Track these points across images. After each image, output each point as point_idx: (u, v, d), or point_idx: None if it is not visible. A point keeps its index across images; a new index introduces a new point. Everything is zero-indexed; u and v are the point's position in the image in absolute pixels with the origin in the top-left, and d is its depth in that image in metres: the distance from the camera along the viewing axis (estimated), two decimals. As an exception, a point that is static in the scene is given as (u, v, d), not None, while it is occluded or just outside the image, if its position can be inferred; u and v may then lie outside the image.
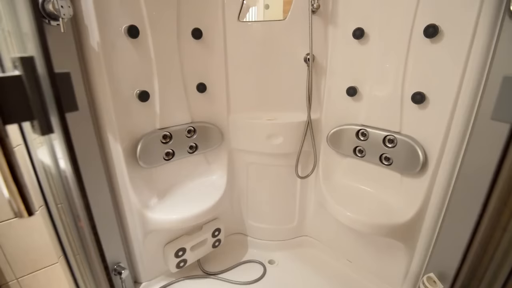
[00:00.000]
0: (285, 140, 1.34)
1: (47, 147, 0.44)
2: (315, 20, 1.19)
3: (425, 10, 0.96)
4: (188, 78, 1.26)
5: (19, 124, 0.40)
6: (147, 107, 1.16)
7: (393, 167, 1.17)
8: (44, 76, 0.30)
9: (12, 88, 0.29)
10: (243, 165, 1.47)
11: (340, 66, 1.24)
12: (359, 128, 1.23)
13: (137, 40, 1.06)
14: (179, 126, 1.27)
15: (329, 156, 1.39)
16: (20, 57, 0.30)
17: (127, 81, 1.08)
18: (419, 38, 0.99)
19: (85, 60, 0.95)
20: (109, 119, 1.02)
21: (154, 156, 1.20)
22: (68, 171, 0.42)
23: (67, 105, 0.33)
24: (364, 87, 1.20)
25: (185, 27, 1.18)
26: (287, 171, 1.43)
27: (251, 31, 1.27)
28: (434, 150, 1.02)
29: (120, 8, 1.00)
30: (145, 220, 1.18)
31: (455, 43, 0.92)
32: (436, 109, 1.00)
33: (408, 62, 1.04)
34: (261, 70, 1.32)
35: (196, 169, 1.42)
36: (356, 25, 1.13)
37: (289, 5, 1.23)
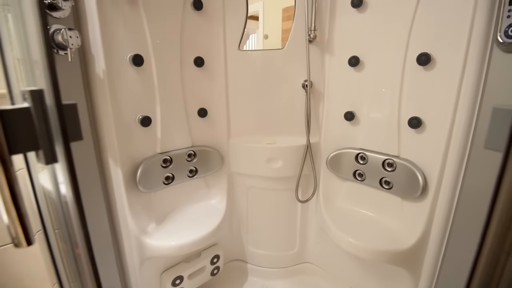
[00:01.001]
0: (285, 163, 1.34)
1: (49, 173, 0.44)
2: (312, 49, 1.24)
3: (417, 40, 1.01)
4: (190, 104, 1.29)
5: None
6: (149, 131, 1.18)
7: (393, 191, 1.17)
8: (52, 108, 0.32)
9: (20, 120, 0.31)
10: (243, 189, 1.46)
11: (337, 91, 1.28)
12: (358, 152, 1.24)
13: (142, 67, 1.10)
14: (180, 150, 1.28)
15: (329, 180, 1.38)
16: (30, 90, 0.31)
17: (130, 107, 1.11)
18: (413, 66, 1.03)
19: (90, 88, 0.98)
20: (110, 144, 1.04)
21: (153, 180, 1.20)
22: (69, 197, 0.42)
23: (72, 135, 0.34)
24: (361, 111, 1.23)
25: (188, 56, 1.23)
26: (287, 195, 1.42)
27: (251, 59, 1.32)
28: (434, 174, 1.02)
29: (126, 38, 1.05)
30: (142, 247, 1.15)
31: (447, 70, 0.95)
32: (433, 134, 1.02)
33: (403, 88, 1.07)
34: (261, 96, 1.36)
35: (196, 193, 1.41)
36: (351, 54, 1.18)
37: (288, 33, 1.30)
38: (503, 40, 0.82)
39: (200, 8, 1.21)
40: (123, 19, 1.03)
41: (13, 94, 0.52)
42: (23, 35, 0.46)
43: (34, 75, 0.44)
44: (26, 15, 0.42)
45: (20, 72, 0.55)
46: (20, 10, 0.48)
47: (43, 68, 0.34)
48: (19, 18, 0.49)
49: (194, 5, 1.19)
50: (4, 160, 0.30)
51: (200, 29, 1.24)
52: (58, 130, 0.32)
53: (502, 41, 0.82)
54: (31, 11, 0.37)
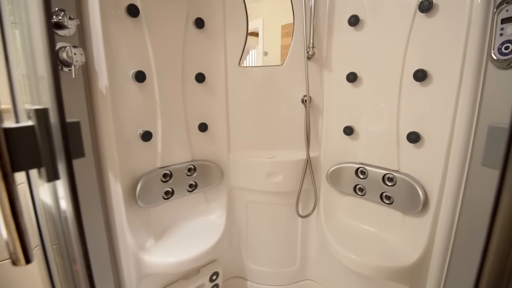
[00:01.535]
0: (285, 178, 1.34)
1: (50, 188, 0.44)
2: (310, 65, 1.27)
3: (413, 56, 1.04)
4: (190, 118, 1.30)
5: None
6: (149, 146, 1.19)
7: (394, 206, 1.16)
8: (56, 126, 0.32)
9: (24, 138, 0.31)
10: (243, 204, 1.45)
11: (336, 106, 1.30)
12: (358, 166, 1.24)
13: (144, 83, 1.12)
14: (180, 164, 1.28)
15: (329, 195, 1.38)
16: (35, 109, 0.32)
17: (131, 122, 1.12)
18: (410, 82, 1.05)
19: (92, 103, 1.00)
20: (111, 159, 1.04)
21: (153, 195, 1.20)
22: (69, 213, 0.42)
23: (74, 152, 0.34)
24: (360, 126, 1.24)
25: (189, 72, 1.26)
26: (287, 210, 1.41)
27: (251, 75, 1.35)
28: (434, 189, 1.02)
29: (129, 54, 1.08)
30: (140, 263, 1.13)
31: (444, 87, 0.97)
32: (432, 149, 1.03)
33: (401, 103, 1.09)
34: (261, 111, 1.38)
35: (195, 208, 1.40)
36: (349, 70, 1.21)
37: (287, 49, 1.33)
38: (497, 57, 0.84)
39: (201, 26, 1.24)
40: (127, 36, 1.06)
41: (18, 110, 0.53)
42: (30, 52, 0.48)
43: (38, 91, 0.45)
44: (34, 32, 0.44)
45: (25, 87, 0.56)
46: (28, 28, 0.49)
47: (48, 86, 0.35)
48: (26, 35, 0.50)
49: (196, 23, 1.23)
50: (6, 178, 0.30)
51: (202, 46, 1.27)
52: (61, 148, 0.33)
53: (496, 58, 0.84)
54: (39, 29, 0.38)
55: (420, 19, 1.01)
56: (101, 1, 0.95)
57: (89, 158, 1.00)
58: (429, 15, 0.99)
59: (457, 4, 0.91)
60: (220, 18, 1.28)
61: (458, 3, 0.91)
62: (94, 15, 0.95)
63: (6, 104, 0.55)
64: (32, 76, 0.50)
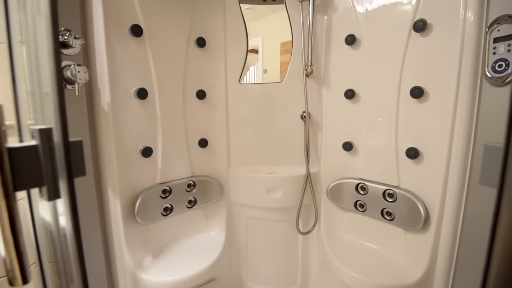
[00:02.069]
0: (285, 194, 1.33)
1: (49, 205, 0.44)
2: (309, 82, 1.29)
3: (409, 74, 1.06)
4: (191, 134, 1.31)
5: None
6: (149, 162, 1.19)
7: (395, 223, 1.15)
8: (59, 145, 0.33)
9: (27, 158, 0.32)
10: (242, 220, 1.44)
11: (335, 122, 1.31)
12: (358, 182, 1.24)
13: (145, 100, 1.14)
14: (180, 180, 1.28)
15: (330, 211, 1.36)
16: (39, 129, 0.33)
17: (132, 138, 1.13)
18: (407, 98, 1.06)
19: (94, 120, 1.01)
20: (111, 176, 1.04)
21: (152, 211, 1.19)
22: (68, 231, 0.42)
23: (76, 171, 0.35)
24: (359, 142, 1.24)
25: (190, 89, 1.28)
26: (288, 226, 1.39)
27: (251, 91, 1.37)
28: (435, 205, 1.01)
29: (132, 72, 1.10)
30: (137, 282, 1.10)
31: (441, 103, 0.98)
32: (431, 165, 1.03)
33: (398, 119, 1.10)
34: (261, 127, 1.39)
35: (194, 224, 1.38)
36: (347, 87, 1.23)
37: (286, 66, 1.36)
38: (491, 75, 0.86)
39: (203, 45, 1.28)
40: (130, 55, 1.09)
41: (21, 126, 0.53)
42: (36, 69, 0.49)
43: (43, 108, 0.46)
44: (41, 51, 0.45)
45: (29, 104, 0.57)
46: (35, 47, 0.51)
47: (53, 104, 0.36)
48: (33, 54, 0.52)
49: (198, 42, 1.26)
50: (8, 197, 0.31)
51: (203, 64, 1.30)
52: (63, 167, 0.33)
53: (491, 76, 0.86)
54: (46, 49, 0.39)
55: (415, 38, 1.04)
56: (106, 21, 0.98)
57: (89, 175, 1.00)
58: (423, 34, 1.02)
59: (450, 24, 0.94)
60: (221, 37, 1.31)
61: (451, 23, 0.94)
62: (98, 35, 0.98)
63: (10, 120, 0.56)
64: (36, 93, 0.51)
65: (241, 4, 1.33)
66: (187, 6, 1.21)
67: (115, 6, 1.02)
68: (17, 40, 0.62)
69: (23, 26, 0.59)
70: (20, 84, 0.58)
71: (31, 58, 0.54)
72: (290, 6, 1.32)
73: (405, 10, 1.05)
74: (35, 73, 0.50)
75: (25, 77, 0.59)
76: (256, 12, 1.45)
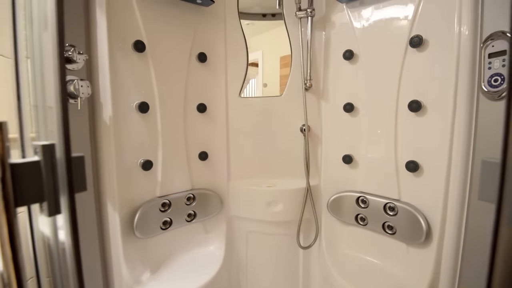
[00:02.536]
0: (285, 207, 1.32)
1: (49, 219, 0.44)
2: (308, 96, 1.31)
3: (407, 88, 1.07)
4: (191, 147, 1.32)
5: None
6: (149, 175, 1.19)
7: (397, 237, 1.13)
8: (61, 161, 0.33)
9: (29, 173, 0.32)
10: (242, 234, 1.42)
11: (335, 135, 1.32)
12: (358, 195, 1.24)
13: (147, 114, 1.15)
14: (179, 193, 1.28)
15: (331, 224, 1.35)
16: (42, 145, 0.33)
17: (133, 151, 1.13)
18: (405, 112, 1.08)
19: (96, 134, 1.02)
20: (110, 190, 1.04)
21: (151, 225, 1.18)
22: (67, 246, 0.42)
23: (77, 187, 0.35)
24: (359, 155, 1.25)
25: (191, 102, 1.30)
26: (288, 240, 1.37)
27: (251, 105, 1.39)
28: (436, 219, 1.00)
29: (134, 87, 1.12)
30: (135, 299, 1.08)
31: (439, 117, 0.99)
32: (431, 179, 1.03)
33: (397, 132, 1.11)
34: (261, 140, 1.40)
35: (193, 238, 1.37)
36: (346, 101, 1.24)
37: (286, 79, 1.38)
38: (488, 89, 0.87)
39: (204, 60, 1.30)
40: (132, 69, 1.11)
41: (24, 139, 0.54)
42: (40, 84, 0.50)
43: (46, 121, 0.47)
44: (46, 67, 0.46)
45: (31, 117, 0.58)
46: (40, 61, 0.52)
47: (57, 120, 0.37)
48: (38, 69, 0.53)
49: (199, 58, 1.29)
50: (9, 212, 0.31)
51: (204, 78, 1.33)
52: (64, 182, 0.33)
53: (487, 90, 0.87)
54: (51, 64, 0.40)
55: (412, 54, 1.06)
56: (110, 37, 1.01)
57: (89, 189, 1.00)
58: (420, 49, 1.04)
59: (445, 40, 0.96)
60: (222, 51, 1.34)
61: (446, 39, 0.96)
62: (102, 51, 1.00)
63: (13, 133, 0.56)
64: (40, 107, 0.52)
65: (242, 20, 1.37)
66: (189, 22, 1.25)
67: (119, 22, 1.05)
68: (23, 55, 0.64)
69: (28, 40, 0.61)
70: (24, 98, 0.59)
71: (35, 72, 0.55)
72: (289, 22, 1.35)
73: (401, 26, 1.07)
74: (39, 87, 0.51)
75: (29, 90, 0.60)
76: (256, 27, 1.49)
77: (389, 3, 1.11)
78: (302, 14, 1.25)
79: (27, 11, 0.58)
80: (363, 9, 1.18)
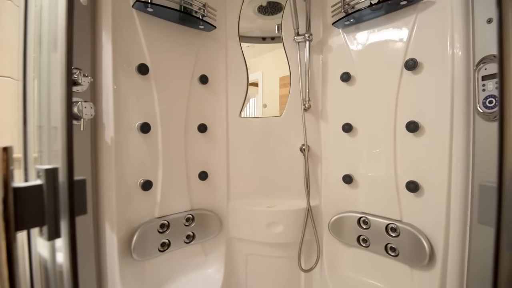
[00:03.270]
0: (286, 228, 1.30)
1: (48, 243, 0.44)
2: (307, 116, 1.33)
3: (404, 109, 1.09)
4: (191, 167, 1.32)
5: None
6: (149, 195, 1.18)
7: (400, 259, 1.11)
8: (63, 185, 0.34)
9: (31, 197, 0.32)
10: (242, 256, 1.39)
11: (334, 155, 1.32)
12: (359, 215, 1.22)
13: (148, 134, 1.16)
14: (178, 214, 1.26)
15: (333, 246, 1.32)
16: (46, 169, 0.34)
17: (133, 171, 1.13)
18: (403, 132, 1.09)
19: (97, 155, 1.02)
20: (109, 210, 1.03)
21: (149, 247, 1.15)
22: (65, 269, 0.41)
23: (77, 210, 0.35)
24: (359, 175, 1.25)
25: (192, 123, 1.31)
26: (289, 263, 1.34)
27: (251, 125, 1.41)
28: (439, 240, 0.98)
29: (136, 108, 1.14)
30: (130, 325, 1.04)
31: (437, 137, 1.00)
32: (432, 199, 1.02)
33: (396, 153, 1.12)
34: (261, 159, 1.40)
35: (192, 261, 1.33)
36: (344, 121, 1.26)
37: (285, 98, 1.41)
38: (483, 110, 0.89)
39: (205, 82, 1.34)
40: (135, 91, 1.13)
41: (28, 160, 0.54)
42: (46, 104, 0.51)
43: (49, 142, 0.47)
44: (53, 89, 0.48)
45: (34, 137, 0.59)
46: (48, 82, 0.53)
47: (61, 144, 0.37)
48: (45, 91, 0.54)
49: (201, 80, 1.32)
50: (9, 237, 0.31)
51: (205, 99, 1.35)
52: (65, 206, 0.34)
53: (482, 111, 0.89)
54: (59, 87, 0.41)
55: (407, 76, 1.09)
56: (114, 60, 1.04)
57: (88, 211, 0.99)
58: (415, 72, 1.07)
59: (440, 62, 0.99)
60: (223, 73, 1.38)
61: (440, 61, 0.99)
62: (106, 73, 1.03)
63: (17, 152, 0.57)
64: (44, 127, 0.52)
65: (242, 42, 1.42)
66: (191, 46, 1.29)
67: (124, 46, 1.09)
68: (31, 76, 0.66)
69: (36, 61, 0.63)
70: (30, 118, 0.60)
71: (41, 92, 0.56)
72: (287, 46, 1.40)
73: (396, 49, 1.11)
74: (44, 107, 0.52)
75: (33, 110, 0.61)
76: (256, 49, 1.53)
77: (384, 27, 1.15)
78: (300, 39, 1.30)
79: (36, 33, 0.61)
80: (358, 34, 1.23)
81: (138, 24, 1.12)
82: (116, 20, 1.04)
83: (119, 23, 1.06)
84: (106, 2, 1.02)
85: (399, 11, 1.10)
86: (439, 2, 1.00)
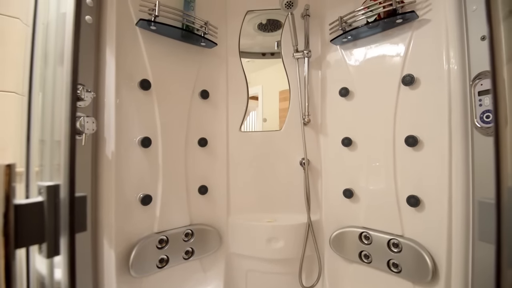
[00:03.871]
0: (286, 244, 1.28)
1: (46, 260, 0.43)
2: (307, 130, 1.34)
3: (402, 124, 1.10)
4: (191, 181, 1.32)
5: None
6: (148, 210, 1.17)
7: (403, 275, 1.09)
8: (64, 201, 0.34)
9: (31, 215, 0.32)
10: (242, 273, 1.36)
11: (334, 169, 1.32)
12: (361, 230, 1.21)
13: (149, 148, 1.16)
14: (177, 229, 1.25)
15: (334, 262, 1.30)
16: (47, 186, 0.34)
17: (133, 186, 1.13)
18: (402, 147, 1.09)
19: (97, 169, 1.02)
20: (108, 225, 1.02)
21: (147, 263, 1.13)
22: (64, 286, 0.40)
23: (77, 227, 0.35)
24: (359, 189, 1.24)
25: (193, 137, 1.32)
26: (290, 280, 1.31)
27: (251, 139, 1.42)
28: (441, 256, 0.97)
29: (138, 122, 1.15)
30: None
31: (436, 152, 1.01)
32: (433, 215, 1.01)
33: (396, 167, 1.12)
34: (261, 174, 1.40)
35: (190, 277, 1.30)
36: (343, 135, 1.27)
37: (285, 112, 1.42)
38: (480, 125, 0.89)
39: (206, 97, 1.36)
40: (137, 106, 1.15)
41: (30, 173, 0.54)
42: (50, 118, 0.52)
43: (52, 156, 0.48)
44: (57, 105, 0.48)
45: (36, 151, 0.59)
46: (52, 97, 0.54)
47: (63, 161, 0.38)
48: (49, 106, 0.55)
49: (201, 95, 1.34)
50: (8, 255, 0.31)
51: (205, 114, 1.37)
52: (65, 223, 0.34)
53: (480, 126, 0.90)
54: (63, 102, 0.42)
55: (405, 91, 1.11)
56: (117, 76, 1.06)
57: (88, 227, 0.98)
58: (412, 87, 1.09)
59: (436, 77, 1.01)
60: (223, 88, 1.40)
61: (437, 77, 1.01)
62: (109, 88, 1.05)
63: (19, 166, 0.57)
64: (47, 141, 0.53)
65: (242, 58, 1.45)
66: (193, 62, 1.32)
67: (127, 62, 1.11)
68: (36, 91, 0.67)
69: (41, 76, 0.64)
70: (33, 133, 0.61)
71: (45, 107, 0.57)
72: (287, 62, 1.43)
73: (393, 65, 1.13)
74: (48, 122, 0.53)
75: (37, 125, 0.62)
76: (256, 64, 1.56)
77: (381, 44, 1.18)
78: (299, 55, 1.33)
79: (42, 49, 0.62)
80: (356, 50, 1.26)
81: (141, 41, 1.15)
82: (120, 38, 1.07)
83: (123, 40, 1.09)
84: (110, 20, 1.05)
85: (395, 28, 1.13)
86: (434, 20, 1.03)
